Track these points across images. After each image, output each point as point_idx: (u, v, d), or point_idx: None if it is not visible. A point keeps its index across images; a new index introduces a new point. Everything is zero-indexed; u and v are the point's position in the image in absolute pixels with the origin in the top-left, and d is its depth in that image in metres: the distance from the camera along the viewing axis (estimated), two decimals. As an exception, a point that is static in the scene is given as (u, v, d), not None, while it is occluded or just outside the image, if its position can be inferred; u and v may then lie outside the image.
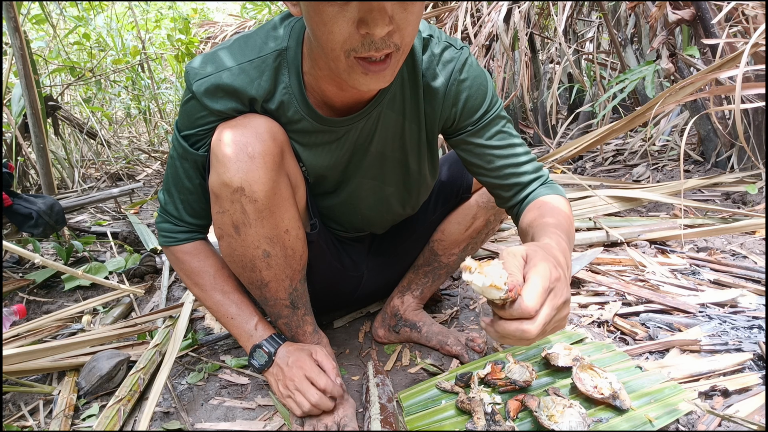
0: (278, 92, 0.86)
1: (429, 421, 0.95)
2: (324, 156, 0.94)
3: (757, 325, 1.13)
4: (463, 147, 0.97)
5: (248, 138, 0.81)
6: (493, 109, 0.95)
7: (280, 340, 1.01)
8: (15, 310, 1.46)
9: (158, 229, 1.02)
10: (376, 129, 0.94)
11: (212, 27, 6.60)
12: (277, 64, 0.85)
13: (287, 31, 0.85)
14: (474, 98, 0.93)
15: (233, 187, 0.81)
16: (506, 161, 0.95)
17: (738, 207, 1.94)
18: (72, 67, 3.99)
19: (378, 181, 1.02)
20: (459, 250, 1.19)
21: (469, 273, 0.63)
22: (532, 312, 0.61)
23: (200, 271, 1.00)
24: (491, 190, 1.00)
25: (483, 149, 0.95)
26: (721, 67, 1.75)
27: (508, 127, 0.97)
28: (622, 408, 0.89)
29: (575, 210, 1.95)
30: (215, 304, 1.01)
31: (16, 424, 1.05)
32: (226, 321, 1.02)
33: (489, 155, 0.95)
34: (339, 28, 0.67)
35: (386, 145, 0.97)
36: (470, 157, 0.97)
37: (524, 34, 2.86)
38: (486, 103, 0.94)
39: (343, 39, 0.68)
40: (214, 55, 0.85)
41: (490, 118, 0.94)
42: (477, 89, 0.93)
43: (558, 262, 0.67)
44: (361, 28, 0.67)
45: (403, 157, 1.00)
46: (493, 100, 0.95)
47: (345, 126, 0.90)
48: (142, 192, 3.49)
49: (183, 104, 0.88)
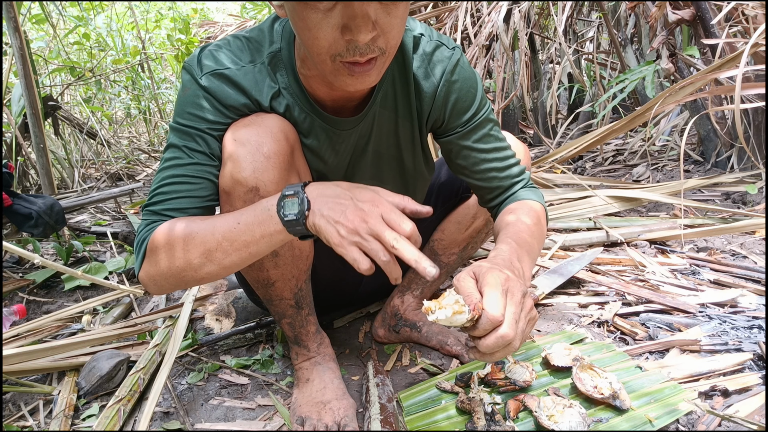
0: (282, 94, 0.86)
1: (429, 421, 0.95)
2: (326, 158, 0.94)
3: (757, 325, 1.13)
4: (449, 148, 0.98)
5: (263, 137, 0.80)
6: (481, 112, 0.95)
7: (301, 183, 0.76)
8: (15, 310, 1.46)
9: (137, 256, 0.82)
10: (372, 128, 0.95)
11: (212, 27, 6.60)
12: (273, 67, 0.85)
13: (278, 33, 0.85)
14: (463, 100, 0.94)
15: (248, 186, 0.80)
16: (491, 165, 0.96)
17: (738, 207, 1.94)
18: (72, 67, 4.00)
19: (376, 180, 1.02)
20: (459, 249, 1.19)
21: (431, 313, 0.65)
22: (499, 317, 0.63)
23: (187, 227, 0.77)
24: (474, 190, 1.01)
25: (469, 152, 0.96)
26: (720, 67, 1.75)
27: (495, 130, 0.98)
28: (622, 408, 0.89)
29: (575, 210, 1.95)
30: (224, 233, 0.75)
31: (16, 424, 1.05)
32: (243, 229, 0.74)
33: (475, 158, 0.96)
34: (324, 33, 0.67)
35: (381, 143, 0.98)
36: (456, 158, 0.98)
37: (524, 34, 2.86)
38: (475, 105, 0.95)
39: (328, 44, 0.68)
40: (215, 53, 0.84)
41: (478, 121, 0.95)
42: (467, 91, 0.94)
43: (506, 264, 0.72)
44: (345, 33, 0.67)
45: (399, 154, 1.01)
46: (482, 103, 0.96)
47: (349, 128, 0.90)
48: (142, 192, 3.49)
49: (188, 95, 0.81)
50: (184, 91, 0.83)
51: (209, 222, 0.77)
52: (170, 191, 0.81)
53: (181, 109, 0.82)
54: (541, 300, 1.37)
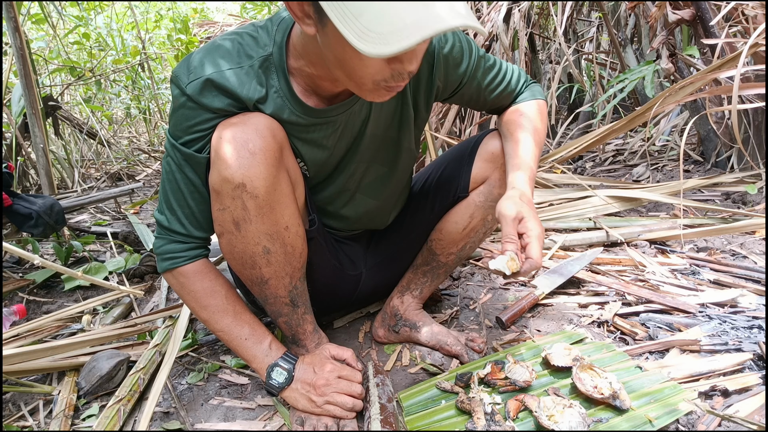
0: (270, 96, 0.87)
1: (429, 421, 0.95)
2: (322, 146, 0.96)
3: (757, 325, 1.13)
4: (457, 99, 1.08)
5: (249, 135, 0.82)
6: (473, 55, 1.01)
7: (294, 357, 1.01)
8: (15, 310, 1.46)
9: (160, 253, 0.96)
10: (370, 111, 0.97)
11: (212, 27, 6.59)
12: (264, 70, 0.86)
13: (270, 37, 0.87)
14: (456, 58, 0.99)
15: (235, 183, 0.81)
16: (498, 90, 1.07)
17: (738, 207, 1.94)
18: (72, 67, 4.00)
19: (374, 163, 1.05)
20: (457, 249, 1.19)
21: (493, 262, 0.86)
22: (540, 263, 0.85)
23: (212, 292, 0.97)
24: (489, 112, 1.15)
25: (477, 92, 1.06)
26: (720, 67, 1.75)
27: (488, 60, 1.05)
28: (622, 408, 0.89)
29: (575, 210, 1.95)
30: (226, 326, 0.98)
31: (16, 424, 1.05)
32: (237, 343, 0.98)
33: (484, 94, 1.07)
34: (375, 62, 0.71)
35: (379, 125, 1.00)
36: (467, 101, 1.10)
37: (524, 34, 2.86)
38: (466, 55, 1.00)
39: (376, 72, 0.73)
40: (202, 60, 0.85)
41: (474, 66, 1.02)
42: (459, 48, 0.99)
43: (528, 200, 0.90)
44: (392, 62, 0.71)
45: (396, 136, 1.04)
46: (469, 45, 1.00)
47: (340, 113, 0.92)
48: (142, 192, 3.49)
49: (175, 111, 0.87)
50: (174, 104, 0.87)
51: (221, 311, 0.97)
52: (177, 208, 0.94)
53: (173, 119, 0.88)
54: (541, 300, 1.37)
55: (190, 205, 0.93)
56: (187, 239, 0.95)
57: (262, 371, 0.99)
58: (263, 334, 1.00)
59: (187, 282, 0.96)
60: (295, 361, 1.00)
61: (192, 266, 0.96)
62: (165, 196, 0.94)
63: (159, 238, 0.97)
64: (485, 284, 1.55)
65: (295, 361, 1.00)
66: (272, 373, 0.97)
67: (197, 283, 0.96)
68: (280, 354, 1.00)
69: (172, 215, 0.94)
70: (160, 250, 0.96)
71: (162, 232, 0.96)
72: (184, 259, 0.96)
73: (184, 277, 0.96)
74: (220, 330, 0.98)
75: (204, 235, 0.97)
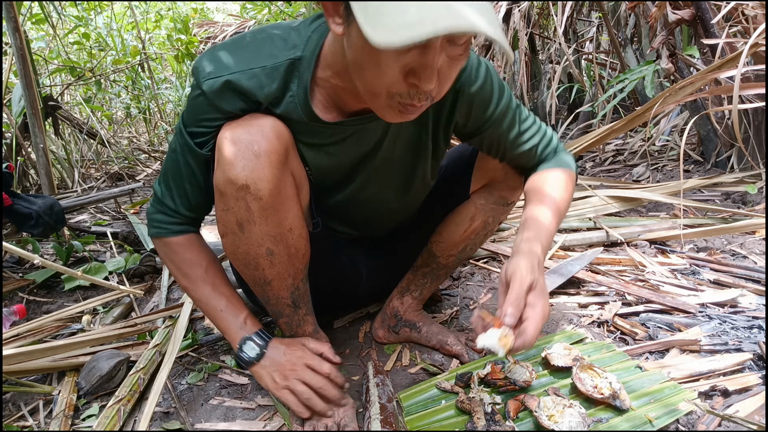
0: (285, 100, 0.86)
1: (429, 421, 0.95)
2: (329, 156, 0.94)
3: (757, 325, 1.13)
4: (477, 142, 1.03)
5: (254, 136, 0.81)
6: (502, 101, 0.97)
7: (268, 335, 1.01)
8: (15, 310, 1.46)
9: (150, 219, 1.00)
10: (386, 134, 0.95)
11: (212, 27, 6.60)
12: (288, 73, 0.85)
13: (304, 39, 0.85)
14: (484, 100, 0.95)
15: (239, 184, 0.81)
16: (521, 148, 1.02)
17: (738, 207, 1.94)
18: (72, 67, 4.00)
19: (383, 186, 1.03)
20: (457, 251, 1.19)
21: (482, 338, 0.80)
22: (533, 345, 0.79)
23: (192, 263, 1.00)
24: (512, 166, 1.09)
25: (498, 142, 1.01)
26: (720, 67, 1.75)
27: (519, 112, 1.00)
28: (622, 408, 0.89)
29: (575, 210, 1.95)
30: (204, 296, 1.00)
31: (16, 424, 1.05)
32: (213, 313, 1.00)
33: (504, 146, 1.01)
34: (391, 71, 0.69)
35: (395, 150, 0.98)
36: (487, 148, 1.04)
37: (524, 34, 2.87)
38: (495, 97, 0.95)
39: (390, 83, 0.70)
40: (226, 55, 0.84)
41: (501, 113, 0.97)
42: (488, 90, 0.94)
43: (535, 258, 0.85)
44: (410, 77, 0.69)
45: (413, 163, 1.01)
46: (501, 92, 0.96)
47: (351, 127, 0.91)
48: (142, 192, 3.49)
49: (191, 99, 0.88)
50: (191, 92, 0.88)
51: (199, 281, 1.00)
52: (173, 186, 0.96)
53: (188, 105, 0.90)
54: (541, 300, 1.37)
55: (185, 186, 0.95)
56: (175, 215, 0.99)
57: (234, 343, 1.00)
58: (239, 308, 1.01)
59: (169, 251, 1.01)
60: (269, 339, 1.00)
61: (177, 238, 1.00)
62: (165, 171, 0.97)
63: (152, 205, 1.01)
64: (485, 284, 1.55)
65: (269, 339, 1.00)
66: (244, 347, 0.98)
67: (179, 254, 1.00)
68: (255, 329, 1.00)
69: (167, 190, 0.97)
70: (150, 216, 1.01)
71: (155, 201, 1.00)
72: (169, 232, 0.99)
73: (167, 246, 1.01)
74: (198, 299, 1.01)
75: (192, 215, 1.00)
